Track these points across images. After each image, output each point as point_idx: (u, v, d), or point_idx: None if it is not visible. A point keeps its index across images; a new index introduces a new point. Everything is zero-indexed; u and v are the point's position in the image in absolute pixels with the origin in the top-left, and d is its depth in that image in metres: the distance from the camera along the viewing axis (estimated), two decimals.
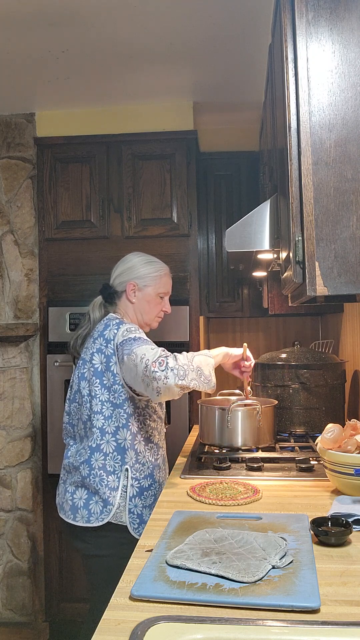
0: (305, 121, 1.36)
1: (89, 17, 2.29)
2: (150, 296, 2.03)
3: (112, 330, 1.90)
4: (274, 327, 4.04)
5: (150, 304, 2.03)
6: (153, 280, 2.03)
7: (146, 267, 2.04)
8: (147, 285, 2.02)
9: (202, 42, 2.52)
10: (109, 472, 1.85)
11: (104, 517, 1.83)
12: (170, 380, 1.66)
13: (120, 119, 3.20)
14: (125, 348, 1.81)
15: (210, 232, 3.58)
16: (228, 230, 1.95)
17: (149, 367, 1.68)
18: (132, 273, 2.03)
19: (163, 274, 2.06)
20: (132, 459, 1.87)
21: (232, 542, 1.22)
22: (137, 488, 1.87)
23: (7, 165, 3.23)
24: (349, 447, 1.56)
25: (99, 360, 1.89)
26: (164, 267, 2.09)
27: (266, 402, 2.20)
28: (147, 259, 2.07)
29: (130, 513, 1.84)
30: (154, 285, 2.03)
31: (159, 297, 2.05)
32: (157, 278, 2.04)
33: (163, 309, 2.08)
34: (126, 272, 2.04)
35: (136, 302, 2.02)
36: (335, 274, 1.34)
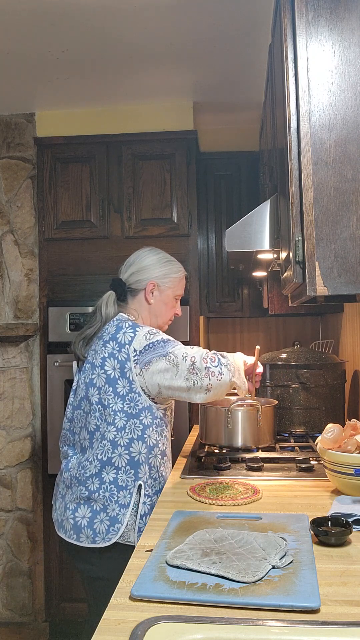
0: (305, 121, 1.36)
1: (89, 17, 2.29)
2: (169, 298, 1.93)
3: (127, 333, 1.76)
4: (274, 327, 4.05)
5: (167, 306, 1.93)
6: (173, 281, 1.92)
7: (166, 267, 1.92)
8: (167, 287, 1.91)
9: (202, 42, 2.52)
10: (120, 487, 1.71)
11: (111, 536, 1.67)
12: (225, 376, 1.66)
13: (120, 119, 3.20)
14: (156, 351, 1.70)
15: (210, 232, 3.59)
16: (228, 230, 1.95)
17: (197, 364, 1.64)
18: (152, 272, 1.89)
19: (182, 275, 1.97)
20: (146, 474, 1.73)
21: (232, 542, 1.22)
22: (149, 505, 1.72)
23: (7, 165, 3.23)
24: (349, 447, 1.56)
25: (111, 366, 1.74)
26: (182, 268, 1.99)
27: (266, 402, 2.20)
28: (166, 257, 1.95)
29: (140, 532, 1.68)
30: (173, 287, 1.93)
31: (175, 300, 1.96)
32: (177, 280, 1.94)
33: (175, 312, 1.99)
34: (144, 270, 1.90)
35: (154, 303, 1.90)
36: (335, 274, 1.34)
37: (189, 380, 1.66)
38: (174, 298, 1.95)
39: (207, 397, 1.70)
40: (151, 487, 1.74)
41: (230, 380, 1.69)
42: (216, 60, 2.70)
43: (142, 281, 1.89)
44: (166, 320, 1.96)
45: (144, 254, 1.94)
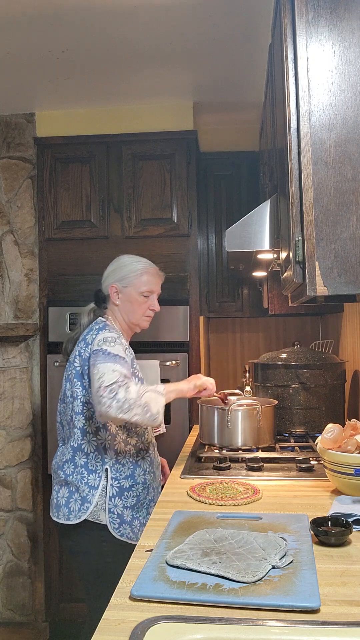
0: (305, 121, 1.36)
1: (89, 17, 2.28)
2: (133, 296, 2.02)
3: (92, 334, 1.93)
4: (274, 327, 4.05)
5: (133, 304, 2.02)
6: (133, 280, 2.02)
7: (125, 269, 2.04)
8: (127, 286, 2.01)
9: (202, 42, 2.52)
10: (90, 470, 1.88)
11: (81, 514, 1.85)
12: (112, 411, 1.70)
13: (120, 119, 3.20)
14: (93, 358, 1.82)
15: (210, 232, 3.59)
16: (228, 230, 1.95)
17: (100, 389, 1.72)
18: (114, 275, 2.04)
19: (143, 272, 2.03)
20: (112, 459, 1.89)
21: (232, 542, 1.22)
22: (117, 488, 1.88)
23: (7, 165, 3.23)
24: (349, 447, 1.56)
25: (79, 363, 1.92)
26: (146, 266, 2.06)
27: (266, 402, 2.20)
28: (131, 259, 2.07)
29: (110, 513, 1.85)
30: (134, 284, 2.01)
31: (143, 296, 2.02)
32: (137, 277, 2.02)
33: (150, 308, 2.05)
34: (110, 276, 2.05)
35: (120, 303, 2.02)
36: (335, 274, 1.34)
37: (94, 399, 1.75)
38: (140, 295, 2.01)
39: (101, 420, 1.81)
40: (118, 471, 1.89)
41: (117, 416, 1.71)
42: (216, 60, 2.70)
43: (106, 287, 2.04)
44: (139, 317, 2.04)
45: (114, 260, 2.11)
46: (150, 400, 1.76)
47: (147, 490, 1.94)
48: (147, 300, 2.04)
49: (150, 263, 2.09)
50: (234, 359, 4.07)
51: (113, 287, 2.02)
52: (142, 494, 1.92)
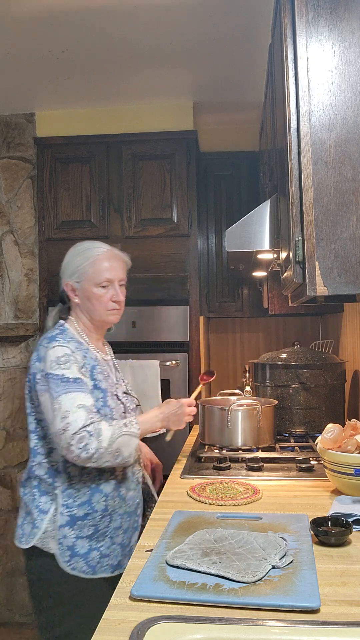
0: (305, 121, 1.36)
1: (89, 17, 2.28)
2: (89, 291, 1.73)
3: (42, 348, 1.67)
4: (274, 327, 4.05)
5: (91, 299, 1.73)
6: (85, 271, 1.73)
7: (76, 260, 1.75)
8: (81, 280, 1.73)
9: (202, 42, 2.52)
10: (42, 492, 1.67)
11: (30, 539, 1.64)
12: (80, 460, 1.54)
13: (120, 119, 3.20)
14: (50, 386, 1.59)
15: (210, 232, 3.59)
16: (228, 230, 1.95)
17: (67, 434, 1.52)
18: (66, 272, 1.77)
19: (94, 260, 1.73)
20: (64, 484, 1.64)
21: (232, 542, 1.22)
22: (68, 516, 1.62)
23: (7, 165, 3.23)
24: (349, 447, 1.56)
25: (29, 376, 1.71)
26: (96, 252, 1.76)
27: (266, 402, 2.20)
28: (78, 249, 1.78)
29: (59, 543, 1.60)
30: (88, 277, 1.73)
31: (100, 288, 1.73)
32: (88, 267, 1.73)
33: (113, 299, 1.75)
34: (62, 273, 1.79)
35: (80, 302, 1.75)
36: (335, 274, 1.34)
37: (56, 437, 1.57)
38: (97, 287, 1.73)
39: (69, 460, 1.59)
40: (72, 497, 1.63)
41: (86, 465, 1.55)
42: (216, 60, 2.70)
43: (62, 286, 1.78)
44: (102, 312, 1.75)
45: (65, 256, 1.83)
46: (123, 445, 1.57)
47: (109, 518, 1.65)
48: (107, 292, 1.74)
49: (106, 246, 1.79)
50: (234, 359, 4.07)
51: (67, 284, 1.76)
52: (101, 522, 1.64)
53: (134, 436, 1.61)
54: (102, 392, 1.68)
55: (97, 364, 1.72)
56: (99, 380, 1.69)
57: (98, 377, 1.70)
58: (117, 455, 1.57)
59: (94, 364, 1.71)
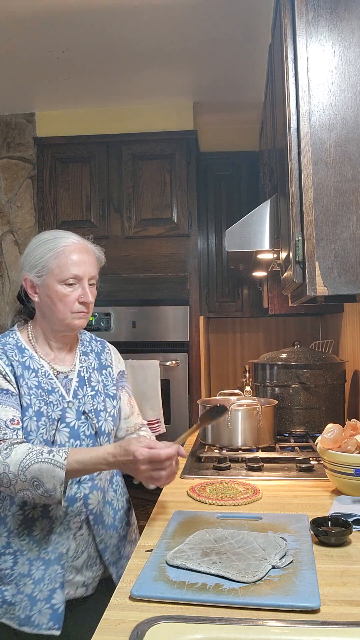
0: (305, 121, 1.36)
1: (89, 17, 2.28)
2: (51, 288, 1.42)
3: None
4: (274, 327, 4.04)
5: (53, 298, 1.43)
6: (47, 264, 1.43)
7: (37, 251, 1.45)
8: (42, 275, 1.43)
9: (202, 42, 2.52)
10: None
11: None
12: None
13: (120, 119, 3.20)
14: None
15: (210, 232, 3.59)
16: (228, 230, 1.95)
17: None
18: (25, 264, 1.47)
19: (59, 251, 1.43)
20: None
21: (232, 542, 1.22)
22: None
23: (7, 165, 3.23)
24: (349, 447, 1.56)
25: None
26: (62, 242, 1.45)
27: (266, 402, 2.20)
28: (42, 238, 1.48)
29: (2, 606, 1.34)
30: (51, 271, 1.42)
31: (66, 286, 1.43)
32: (52, 260, 1.42)
33: (80, 300, 1.44)
34: (21, 265, 1.49)
35: (39, 300, 1.46)
36: (335, 274, 1.35)
37: None
38: (62, 284, 1.42)
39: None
40: None
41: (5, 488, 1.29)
42: (216, 60, 2.70)
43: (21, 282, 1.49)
44: (65, 314, 1.44)
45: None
46: (42, 474, 1.25)
47: (12, 559, 1.36)
48: (73, 291, 1.43)
49: (76, 237, 1.49)
50: (234, 359, 4.07)
51: (26, 279, 1.46)
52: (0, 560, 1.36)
53: (58, 467, 1.25)
54: (23, 409, 1.38)
55: (31, 376, 1.42)
56: (23, 394, 1.39)
57: (23, 389, 1.39)
58: (37, 486, 1.26)
59: (23, 375, 1.41)
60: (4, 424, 1.32)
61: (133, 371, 2.99)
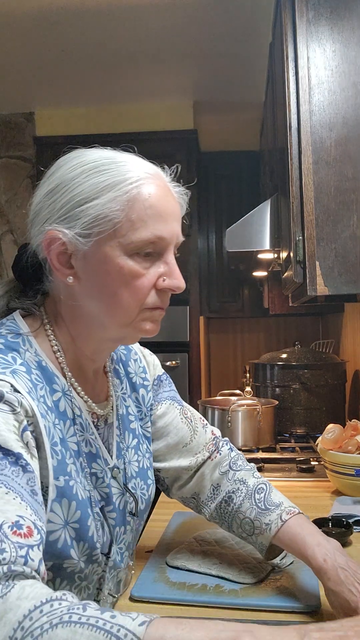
0: (306, 120, 1.36)
1: (89, 17, 2.28)
2: (110, 262, 0.79)
3: None
4: (275, 327, 4.04)
5: (115, 279, 0.80)
6: (107, 214, 0.78)
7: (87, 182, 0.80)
8: (91, 234, 0.78)
9: (202, 42, 2.52)
10: None
11: None
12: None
13: (120, 118, 3.20)
14: None
15: (211, 232, 3.58)
16: (228, 230, 1.94)
17: None
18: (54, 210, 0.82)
19: (131, 190, 0.79)
20: None
21: (233, 543, 1.21)
22: None
23: (6, 165, 3.23)
24: (349, 447, 1.55)
25: None
26: (136, 173, 0.81)
27: (266, 403, 2.20)
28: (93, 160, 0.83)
29: None
30: (112, 228, 0.78)
31: (140, 258, 0.80)
32: (120, 204, 0.78)
33: (161, 285, 0.82)
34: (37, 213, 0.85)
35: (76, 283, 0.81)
36: (335, 274, 1.34)
37: None
38: (134, 255, 0.80)
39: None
40: None
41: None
42: (216, 60, 2.69)
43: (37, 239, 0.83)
44: (132, 311, 0.82)
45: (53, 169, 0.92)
46: None
47: None
48: (150, 268, 0.82)
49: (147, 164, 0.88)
50: (234, 359, 4.07)
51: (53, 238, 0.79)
52: None
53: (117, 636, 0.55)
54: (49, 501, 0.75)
55: (68, 432, 0.82)
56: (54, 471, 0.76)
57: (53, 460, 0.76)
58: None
59: (56, 430, 0.79)
60: (1, 532, 0.62)
61: None
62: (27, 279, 0.86)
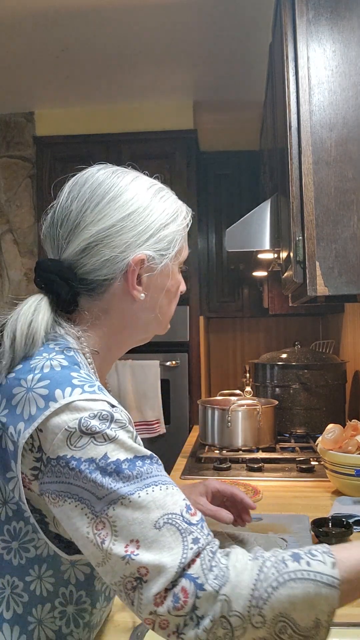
0: (306, 120, 1.36)
1: (89, 16, 2.28)
2: (173, 275, 0.93)
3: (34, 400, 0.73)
4: (275, 327, 4.04)
5: (170, 291, 0.95)
6: (178, 238, 0.91)
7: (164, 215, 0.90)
8: (169, 255, 0.89)
9: (202, 41, 2.52)
10: None
11: None
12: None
13: (119, 118, 3.19)
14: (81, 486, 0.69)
15: (210, 232, 3.58)
16: (228, 230, 1.94)
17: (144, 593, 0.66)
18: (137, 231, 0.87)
19: (186, 222, 0.94)
20: None
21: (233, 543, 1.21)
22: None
23: (6, 165, 3.22)
24: (349, 447, 1.55)
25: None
26: (185, 210, 0.96)
27: (266, 403, 2.20)
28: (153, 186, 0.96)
29: None
30: (179, 249, 0.92)
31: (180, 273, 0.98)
32: (183, 233, 0.93)
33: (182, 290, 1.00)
34: (119, 232, 0.86)
35: (148, 296, 0.90)
36: (336, 274, 1.34)
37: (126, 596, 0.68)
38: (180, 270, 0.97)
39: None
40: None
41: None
42: (216, 59, 2.69)
43: (116, 260, 0.85)
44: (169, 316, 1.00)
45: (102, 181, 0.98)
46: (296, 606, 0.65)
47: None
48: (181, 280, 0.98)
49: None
50: (234, 359, 4.07)
51: (139, 258, 0.86)
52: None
53: (330, 586, 0.66)
54: None
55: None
56: None
57: None
58: (283, 630, 0.65)
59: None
60: (182, 516, 0.70)
61: (133, 371, 2.99)
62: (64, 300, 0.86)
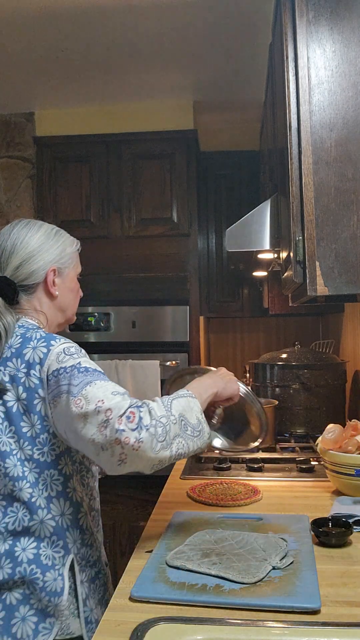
0: (306, 120, 1.36)
1: (89, 16, 2.28)
2: (73, 280, 1.43)
3: (39, 348, 1.20)
4: (275, 327, 4.04)
5: (73, 291, 1.43)
6: (72, 256, 1.42)
7: (59, 240, 1.40)
8: (68, 267, 1.40)
9: (203, 41, 2.52)
10: (46, 567, 1.14)
11: (45, 637, 1.12)
12: (145, 444, 1.07)
13: (120, 118, 3.19)
14: (64, 382, 1.15)
15: (210, 232, 3.58)
16: (228, 230, 1.94)
17: (111, 422, 1.07)
18: (47, 254, 1.35)
19: (75, 245, 1.45)
20: (78, 542, 1.20)
21: (233, 543, 1.22)
22: (87, 584, 1.20)
23: (6, 165, 3.22)
24: (349, 447, 1.56)
25: (14, 396, 1.18)
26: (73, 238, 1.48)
27: (266, 403, 2.20)
28: (51, 227, 1.42)
29: (87, 623, 1.17)
30: (74, 263, 1.43)
31: (77, 279, 1.46)
32: (76, 253, 1.44)
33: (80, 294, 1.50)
34: (36, 256, 1.34)
35: (59, 294, 1.37)
36: (335, 274, 1.34)
37: (96, 442, 1.08)
38: (77, 277, 1.46)
39: (121, 470, 1.10)
40: (86, 558, 1.21)
41: (156, 452, 1.09)
42: (216, 59, 2.69)
43: (37, 272, 1.34)
44: (75, 310, 1.46)
45: (22, 234, 1.36)
46: (184, 409, 1.18)
47: (107, 571, 1.32)
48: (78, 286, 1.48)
49: None
50: (234, 359, 4.07)
51: (53, 269, 1.35)
52: (105, 578, 1.29)
53: (190, 396, 1.21)
54: None
55: None
56: None
57: None
58: (185, 426, 1.15)
59: None
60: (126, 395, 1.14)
61: (133, 371, 2.99)
62: (9, 298, 1.32)
